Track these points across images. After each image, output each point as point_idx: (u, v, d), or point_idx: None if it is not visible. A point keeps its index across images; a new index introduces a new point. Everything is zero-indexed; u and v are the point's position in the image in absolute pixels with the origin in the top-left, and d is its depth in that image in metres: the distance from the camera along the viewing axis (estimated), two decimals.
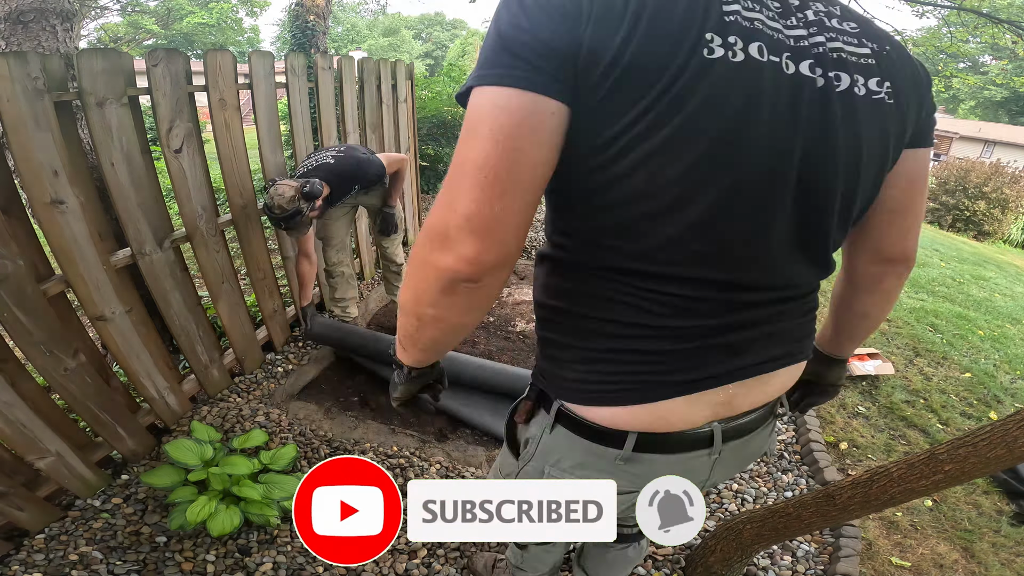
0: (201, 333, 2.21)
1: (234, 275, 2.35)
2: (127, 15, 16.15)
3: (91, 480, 1.78)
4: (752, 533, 1.43)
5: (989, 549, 1.85)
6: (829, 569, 1.67)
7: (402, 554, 1.68)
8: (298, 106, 2.63)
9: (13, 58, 1.39)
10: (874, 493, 1.16)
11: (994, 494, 2.13)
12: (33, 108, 1.45)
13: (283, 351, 2.75)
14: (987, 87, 25.03)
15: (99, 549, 1.59)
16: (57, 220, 1.56)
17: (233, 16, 18.78)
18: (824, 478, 2.03)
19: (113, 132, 1.70)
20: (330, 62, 2.93)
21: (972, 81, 4.79)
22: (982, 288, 5.06)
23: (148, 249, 1.90)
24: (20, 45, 1.99)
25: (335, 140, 3.02)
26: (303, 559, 1.63)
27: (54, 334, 1.61)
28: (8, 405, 1.50)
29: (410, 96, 4.13)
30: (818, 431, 2.29)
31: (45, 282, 1.62)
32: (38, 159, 1.48)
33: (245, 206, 2.34)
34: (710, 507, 1.90)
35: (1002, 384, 3.01)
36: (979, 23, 4.07)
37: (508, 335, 3.08)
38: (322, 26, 4.66)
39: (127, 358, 1.89)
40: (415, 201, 4.51)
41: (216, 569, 1.58)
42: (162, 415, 2.08)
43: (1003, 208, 9.79)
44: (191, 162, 2.01)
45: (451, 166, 0.56)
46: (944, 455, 1.05)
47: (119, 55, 1.67)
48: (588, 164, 0.56)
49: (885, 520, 1.95)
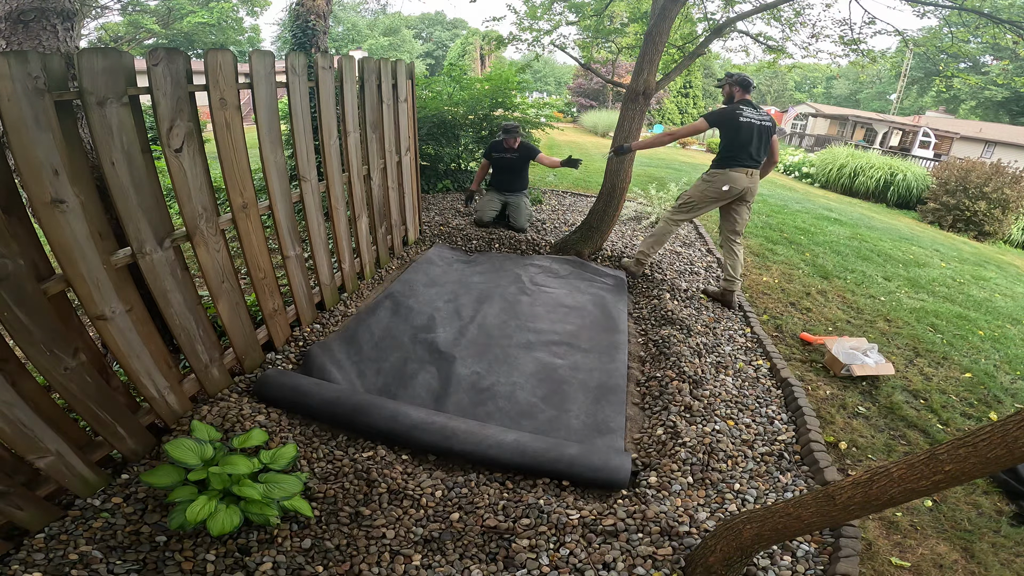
0: (201, 332, 2.21)
1: (234, 274, 2.35)
2: (128, 14, 16.16)
3: (91, 479, 1.78)
4: (752, 533, 1.43)
5: (989, 549, 1.85)
6: (829, 569, 1.67)
7: (402, 554, 1.68)
8: (299, 105, 2.63)
9: (14, 57, 1.39)
10: (874, 493, 1.16)
11: (994, 494, 2.13)
12: (34, 107, 1.45)
13: (283, 350, 2.75)
14: (988, 87, 25.00)
15: (99, 548, 1.59)
16: (57, 219, 1.56)
17: (234, 16, 18.78)
18: (824, 478, 2.03)
19: (114, 131, 1.70)
20: (330, 61, 2.93)
21: (973, 81, 4.78)
22: (982, 288, 5.06)
23: (148, 248, 1.90)
24: (21, 44, 1.99)
25: (335, 139, 3.02)
26: (303, 559, 1.63)
27: (54, 333, 1.61)
28: (8, 404, 1.50)
29: (410, 95, 4.13)
30: (818, 431, 2.29)
31: (45, 281, 1.62)
32: (38, 158, 1.48)
33: (245, 205, 2.34)
34: (710, 507, 1.90)
35: (1002, 384, 3.01)
36: (980, 23, 4.07)
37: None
38: (322, 26, 4.66)
39: (127, 357, 1.89)
40: (415, 201, 4.51)
41: (216, 569, 1.58)
42: (162, 414, 2.08)
43: (1004, 208, 9.79)
44: (191, 161, 2.01)
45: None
46: (944, 455, 1.05)
47: (120, 54, 1.67)
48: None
49: (885, 520, 1.95)
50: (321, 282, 3.14)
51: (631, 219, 5.67)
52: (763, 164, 3.48)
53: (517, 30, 5.88)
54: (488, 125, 6.44)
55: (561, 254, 4.44)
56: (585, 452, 2.07)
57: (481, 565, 1.66)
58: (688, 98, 25.40)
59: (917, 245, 6.68)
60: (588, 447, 2.13)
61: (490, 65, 26.00)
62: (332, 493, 1.89)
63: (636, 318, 3.47)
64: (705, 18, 5.61)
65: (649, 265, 4.07)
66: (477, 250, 4.54)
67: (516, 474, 2.06)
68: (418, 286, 3.62)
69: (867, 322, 3.69)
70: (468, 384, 2.58)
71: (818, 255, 5.16)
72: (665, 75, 4.15)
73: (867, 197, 12.43)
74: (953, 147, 21.72)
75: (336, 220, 3.15)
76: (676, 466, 2.07)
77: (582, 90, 25.53)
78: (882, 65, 4.99)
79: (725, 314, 3.52)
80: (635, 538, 1.74)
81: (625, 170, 4.17)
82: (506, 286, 3.71)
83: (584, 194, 6.82)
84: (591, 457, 2.04)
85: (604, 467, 2.01)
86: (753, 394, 2.62)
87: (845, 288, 4.31)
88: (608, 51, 6.75)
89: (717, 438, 2.22)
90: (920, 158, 17.94)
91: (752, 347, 3.10)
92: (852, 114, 25.75)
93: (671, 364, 2.77)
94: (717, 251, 4.78)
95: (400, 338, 2.94)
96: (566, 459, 2.03)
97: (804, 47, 9.75)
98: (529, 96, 9.76)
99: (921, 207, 11.00)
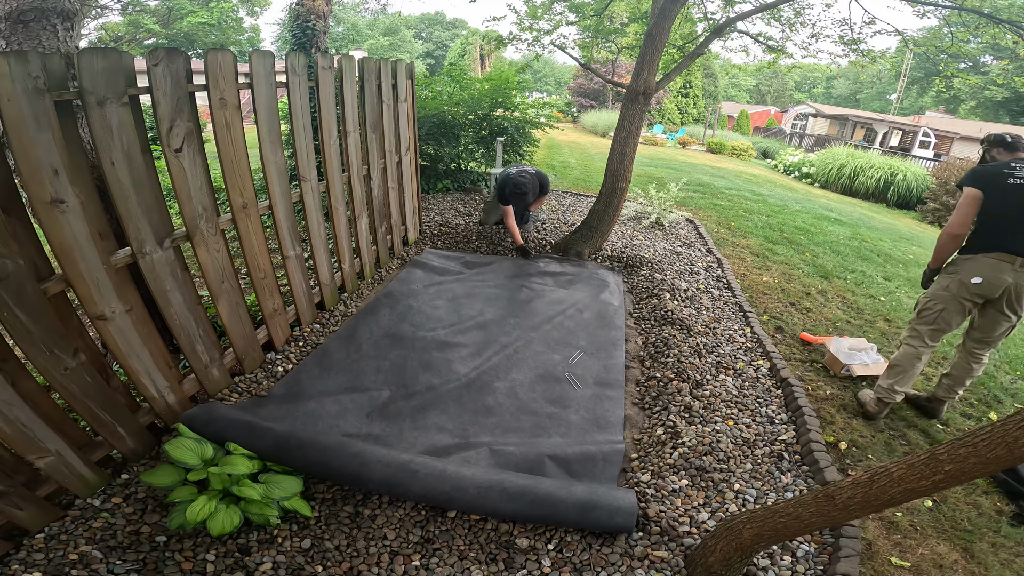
0: (201, 332, 2.21)
1: (234, 274, 2.35)
2: (128, 14, 16.15)
3: (91, 479, 1.78)
4: (752, 533, 1.43)
5: (989, 549, 1.85)
6: (829, 569, 1.67)
7: (402, 555, 1.68)
8: (299, 105, 2.63)
9: (14, 57, 1.39)
10: (874, 493, 1.16)
11: (994, 494, 2.12)
12: (33, 107, 1.45)
13: (283, 351, 2.75)
14: (988, 87, 24.98)
15: (99, 548, 1.59)
16: (57, 219, 1.56)
17: (234, 16, 18.77)
18: (824, 478, 2.03)
19: (113, 131, 1.70)
20: (330, 61, 2.93)
21: (973, 81, 4.78)
22: None
23: (148, 248, 1.90)
24: (21, 44, 1.99)
25: (335, 139, 3.02)
26: (302, 559, 1.63)
27: (54, 333, 1.61)
28: (8, 404, 1.50)
29: (410, 95, 4.13)
30: (818, 431, 2.29)
31: (45, 281, 1.62)
32: (38, 158, 1.48)
33: (245, 205, 2.34)
34: (710, 507, 1.90)
35: (1002, 384, 3.00)
36: (980, 23, 4.07)
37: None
38: (323, 26, 4.66)
39: (127, 357, 1.89)
40: (415, 201, 4.51)
41: (216, 568, 1.58)
42: (162, 414, 2.08)
43: None
44: (191, 161, 2.01)
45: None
46: (944, 455, 1.05)
47: (120, 54, 1.67)
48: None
49: (885, 520, 1.95)
50: (321, 282, 3.14)
51: (631, 219, 5.66)
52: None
53: (517, 30, 5.88)
54: (488, 125, 6.44)
55: (561, 254, 4.44)
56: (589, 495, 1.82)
57: (481, 566, 1.66)
58: (688, 98, 25.39)
59: (917, 245, 6.67)
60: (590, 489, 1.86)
61: (490, 65, 26.01)
62: (332, 493, 1.89)
63: (636, 318, 3.47)
64: (705, 18, 5.61)
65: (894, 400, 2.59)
66: (476, 250, 4.54)
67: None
68: (417, 286, 3.62)
69: (867, 322, 3.69)
70: (467, 381, 2.58)
71: (818, 255, 5.16)
72: (665, 75, 4.14)
73: (867, 197, 12.42)
74: (953, 147, 21.72)
75: (336, 220, 3.15)
76: (676, 466, 2.07)
77: (582, 90, 25.54)
78: (882, 65, 4.98)
79: (725, 314, 3.51)
80: (635, 538, 1.74)
81: (625, 170, 4.16)
82: (506, 285, 3.71)
83: (584, 194, 6.82)
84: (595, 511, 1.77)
85: (609, 522, 1.75)
86: (753, 394, 2.62)
87: (845, 288, 4.31)
88: (608, 51, 6.75)
89: (717, 438, 2.22)
90: (920, 158, 17.93)
91: (752, 347, 3.10)
92: (852, 114, 25.75)
93: (671, 364, 2.77)
94: (717, 251, 4.78)
95: (399, 335, 2.94)
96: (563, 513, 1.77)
97: (804, 47, 9.75)
98: (529, 96, 9.76)
99: (921, 207, 11.00)
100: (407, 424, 2.28)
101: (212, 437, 1.91)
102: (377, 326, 3.04)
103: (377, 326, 3.04)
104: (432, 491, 1.78)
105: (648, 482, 2.00)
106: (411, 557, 1.67)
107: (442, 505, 1.80)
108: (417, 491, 1.79)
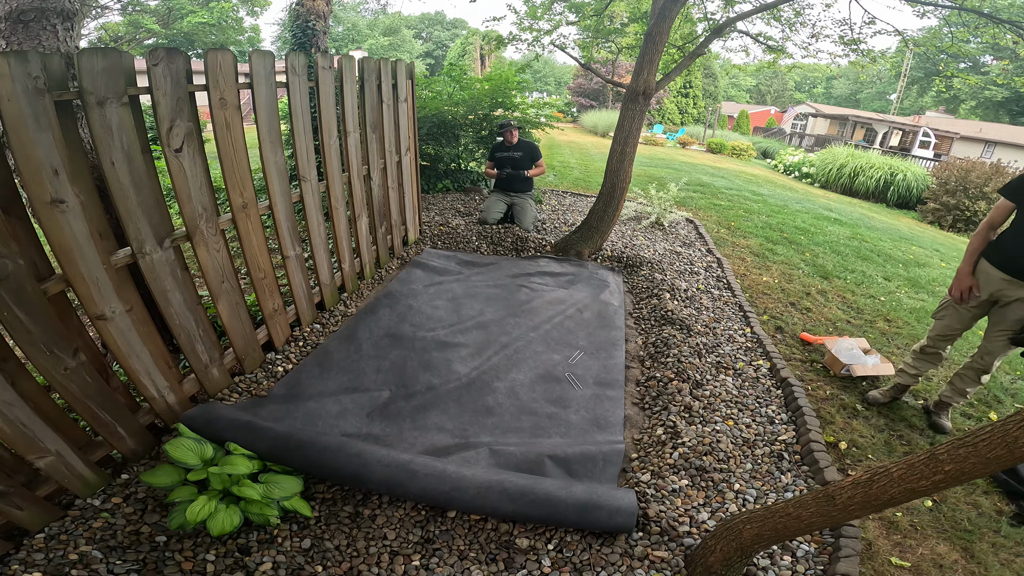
0: (201, 332, 2.21)
1: (234, 274, 2.35)
2: (128, 14, 16.16)
3: (91, 479, 1.78)
4: (752, 533, 1.43)
5: (989, 549, 1.85)
6: (829, 569, 1.67)
7: (402, 554, 1.68)
8: (299, 105, 2.63)
9: (14, 57, 1.39)
10: (874, 493, 1.16)
11: (994, 494, 2.13)
12: (33, 107, 1.45)
13: (283, 350, 2.75)
14: (988, 87, 24.99)
15: (99, 548, 1.59)
16: (57, 219, 1.56)
17: (234, 16, 18.77)
18: (824, 478, 2.03)
19: (113, 131, 1.70)
20: (330, 61, 2.93)
21: (973, 81, 4.78)
22: None
23: (148, 248, 1.90)
24: (21, 44, 1.99)
25: (335, 139, 3.02)
26: (302, 559, 1.63)
27: (54, 333, 1.61)
28: (8, 404, 1.50)
29: (410, 95, 4.13)
30: (818, 431, 2.29)
31: (45, 281, 1.62)
32: (38, 158, 1.48)
33: (245, 205, 2.34)
34: (710, 507, 1.90)
35: (1002, 384, 3.00)
36: (980, 23, 4.07)
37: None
38: (323, 26, 4.66)
39: (127, 357, 1.89)
40: (415, 200, 4.51)
41: (216, 569, 1.58)
42: (162, 414, 2.08)
43: None
44: (191, 161, 2.01)
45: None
46: (944, 455, 1.05)
47: (119, 54, 1.67)
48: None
49: (885, 520, 1.95)
50: (321, 282, 3.14)
51: (631, 219, 5.66)
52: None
53: (517, 30, 5.89)
54: (488, 125, 6.44)
55: (561, 254, 4.44)
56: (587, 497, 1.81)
57: (481, 566, 1.66)
58: (688, 98, 25.40)
59: (917, 245, 6.67)
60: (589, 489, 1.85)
61: (490, 65, 25.99)
62: (332, 493, 1.89)
63: (636, 318, 3.47)
64: (705, 18, 5.61)
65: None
66: (476, 250, 4.55)
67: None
68: (417, 286, 3.62)
69: (867, 322, 3.69)
70: (467, 381, 2.58)
71: (818, 255, 5.16)
72: (665, 75, 4.14)
73: (867, 197, 12.43)
74: (953, 147, 21.72)
75: (336, 220, 3.15)
76: (676, 466, 2.07)
77: (582, 90, 25.53)
78: (882, 65, 4.98)
79: (725, 314, 3.51)
80: (635, 538, 1.75)
81: (625, 170, 4.16)
82: (506, 285, 3.71)
83: (584, 194, 6.82)
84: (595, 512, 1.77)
85: (609, 522, 1.75)
86: (753, 394, 2.62)
87: (845, 288, 4.31)
88: (608, 51, 6.75)
89: (717, 438, 2.22)
90: (920, 158, 17.94)
91: (752, 347, 3.10)
92: (852, 114, 25.76)
93: (671, 364, 2.77)
94: (717, 251, 4.79)
95: (399, 335, 2.94)
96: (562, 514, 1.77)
97: (804, 47, 9.75)
98: (529, 96, 9.76)
99: (921, 207, 11.00)
100: (407, 424, 2.28)
101: (212, 437, 1.91)
102: (377, 326, 3.04)
103: (377, 326, 3.04)
104: (432, 491, 1.78)
105: (648, 482, 2.00)
106: (411, 557, 1.67)
107: (442, 505, 1.81)
108: (417, 491, 1.79)
